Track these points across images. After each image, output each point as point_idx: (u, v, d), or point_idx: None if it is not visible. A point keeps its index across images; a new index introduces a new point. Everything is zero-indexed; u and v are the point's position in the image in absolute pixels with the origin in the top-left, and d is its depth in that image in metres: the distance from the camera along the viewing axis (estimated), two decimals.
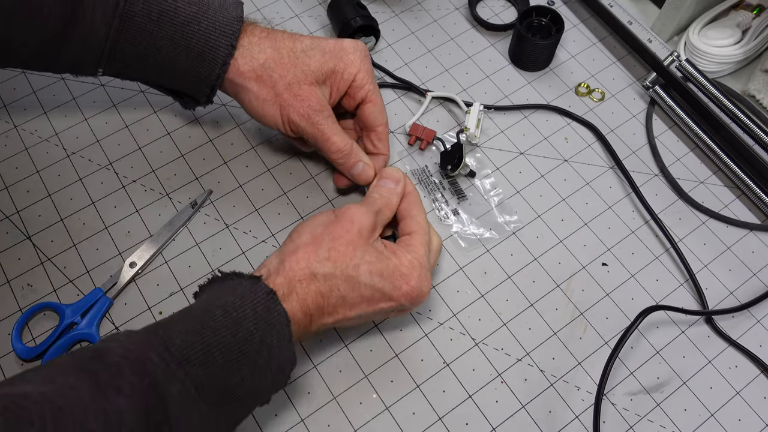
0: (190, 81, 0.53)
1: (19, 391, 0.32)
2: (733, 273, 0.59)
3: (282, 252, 0.46)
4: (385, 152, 0.58)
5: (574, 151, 0.65)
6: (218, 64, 0.51)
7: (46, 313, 0.55)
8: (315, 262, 0.44)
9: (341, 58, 0.53)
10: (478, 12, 0.73)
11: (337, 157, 0.54)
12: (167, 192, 0.61)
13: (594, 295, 0.58)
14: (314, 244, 0.45)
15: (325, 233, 0.46)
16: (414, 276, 0.46)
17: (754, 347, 0.55)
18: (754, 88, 0.65)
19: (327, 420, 0.51)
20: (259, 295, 0.42)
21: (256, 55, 0.52)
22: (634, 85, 0.70)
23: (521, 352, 0.55)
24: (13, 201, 0.60)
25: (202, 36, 0.50)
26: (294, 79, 0.52)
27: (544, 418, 0.52)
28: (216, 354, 0.38)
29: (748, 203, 0.63)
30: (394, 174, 0.52)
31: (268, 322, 0.41)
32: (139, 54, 0.51)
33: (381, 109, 0.56)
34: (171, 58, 0.51)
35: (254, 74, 0.52)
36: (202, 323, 0.39)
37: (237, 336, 0.39)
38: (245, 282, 0.43)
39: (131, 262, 0.57)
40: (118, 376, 0.34)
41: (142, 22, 0.49)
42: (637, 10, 0.72)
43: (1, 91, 0.66)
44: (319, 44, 0.53)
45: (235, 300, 0.41)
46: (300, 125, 0.53)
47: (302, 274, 0.44)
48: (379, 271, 0.45)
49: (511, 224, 0.61)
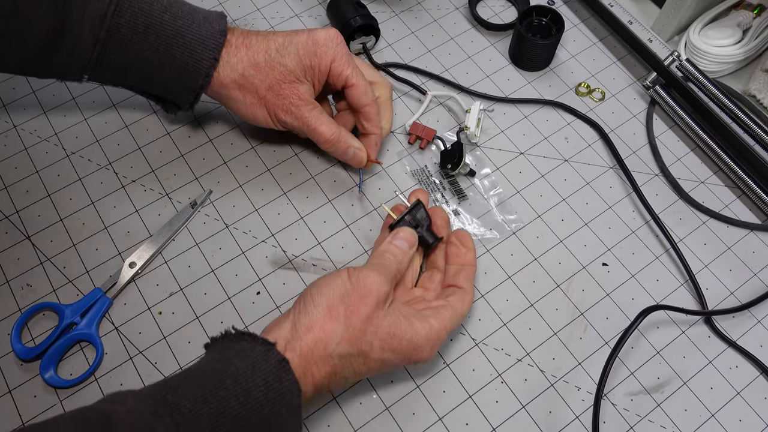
0: (173, 89, 0.55)
1: None
2: (733, 273, 0.59)
3: (297, 321, 0.44)
4: (376, 131, 0.59)
5: (574, 151, 0.65)
6: (201, 75, 0.53)
7: (45, 313, 0.55)
8: (333, 345, 0.43)
9: (314, 52, 0.54)
10: (478, 12, 0.73)
11: (327, 146, 0.57)
12: (167, 192, 0.61)
13: (594, 295, 0.57)
14: (330, 319, 0.43)
15: (341, 307, 0.44)
16: (427, 349, 0.46)
17: (754, 347, 0.55)
18: (755, 88, 0.65)
19: (327, 420, 0.51)
20: (271, 363, 0.41)
21: (235, 66, 0.54)
22: (634, 85, 0.69)
23: (521, 352, 0.55)
24: (13, 201, 0.60)
25: (187, 48, 0.52)
26: (274, 81, 0.54)
27: (544, 418, 0.52)
28: (222, 426, 0.38)
29: (749, 203, 0.63)
30: (409, 237, 0.51)
31: (278, 392, 0.40)
32: (124, 63, 0.52)
33: (364, 90, 0.56)
34: (155, 68, 0.53)
35: (236, 84, 0.54)
36: (212, 391, 0.38)
37: (246, 406, 0.39)
38: (258, 348, 0.41)
39: (131, 262, 0.56)
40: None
41: (128, 34, 0.51)
42: (637, 9, 0.72)
43: (1, 91, 0.66)
44: (292, 40, 0.54)
45: (246, 369, 0.40)
46: (287, 121, 0.55)
47: (318, 356, 0.43)
48: (392, 348, 0.45)
49: (512, 224, 0.60)
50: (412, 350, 0.46)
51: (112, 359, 0.53)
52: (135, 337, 0.54)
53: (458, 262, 0.52)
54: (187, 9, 0.53)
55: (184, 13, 0.52)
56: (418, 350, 0.46)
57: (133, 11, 0.50)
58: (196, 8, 0.54)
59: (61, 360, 0.53)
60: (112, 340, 0.54)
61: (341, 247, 0.59)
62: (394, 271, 0.48)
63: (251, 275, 0.57)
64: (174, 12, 0.52)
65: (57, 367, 0.52)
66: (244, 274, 0.57)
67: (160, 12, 0.51)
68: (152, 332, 0.54)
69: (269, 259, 0.58)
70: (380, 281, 0.45)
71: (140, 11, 0.50)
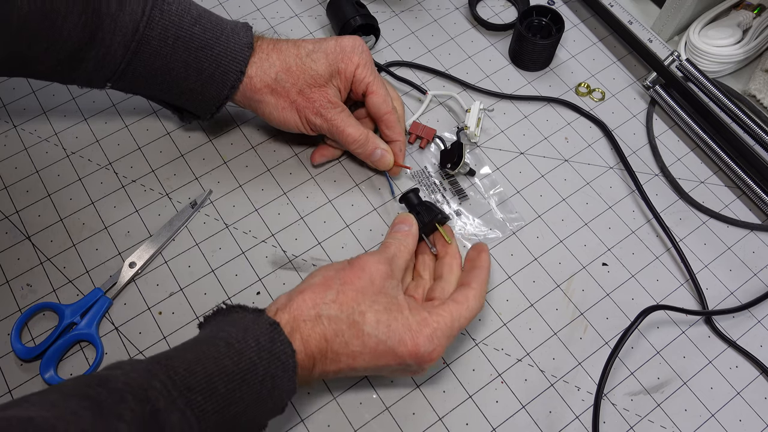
0: (196, 100, 0.56)
1: (24, 415, 0.32)
2: (733, 273, 0.59)
3: (291, 291, 0.46)
4: (398, 138, 0.59)
5: (574, 151, 0.65)
6: (227, 86, 0.54)
7: (45, 313, 0.55)
8: (321, 303, 0.44)
9: (342, 58, 0.56)
10: (478, 12, 0.73)
11: (354, 147, 0.57)
12: (167, 192, 0.61)
13: (594, 295, 0.57)
14: (324, 285, 0.45)
15: (336, 277, 0.46)
16: (423, 334, 0.44)
17: (754, 347, 0.55)
18: (755, 88, 0.65)
19: (327, 420, 0.51)
20: (262, 327, 0.41)
21: (267, 70, 0.55)
22: (634, 85, 0.69)
23: (521, 352, 0.55)
24: (13, 201, 0.60)
25: (214, 60, 0.53)
26: (305, 84, 0.55)
27: (544, 418, 0.52)
28: (218, 383, 0.38)
29: (749, 203, 0.63)
30: (406, 218, 0.52)
31: (271, 352, 0.41)
32: (150, 73, 0.53)
33: (384, 98, 0.58)
34: (181, 79, 0.53)
35: (269, 88, 0.55)
36: (205, 353, 0.39)
37: (240, 365, 0.39)
38: (249, 315, 0.43)
39: (131, 262, 0.56)
40: (120, 402, 0.34)
41: (158, 46, 0.51)
42: (637, 9, 0.72)
43: (1, 91, 0.66)
44: (320, 47, 0.56)
45: (238, 332, 0.41)
46: (316, 123, 0.56)
47: (308, 314, 0.44)
48: (387, 322, 0.44)
49: (514, 223, 0.60)
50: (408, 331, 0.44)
51: (112, 359, 0.53)
52: (135, 337, 0.54)
53: (471, 266, 0.51)
54: (215, 20, 0.54)
55: (212, 24, 0.53)
56: (414, 333, 0.44)
57: (164, 24, 0.51)
58: (222, 20, 0.54)
59: (61, 360, 0.53)
60: (112, 340, 0.54)
61: (341, 247, 0.59)
62: (393, 252, 0.49)
63: (251, 275, 0.57)
64: (203, 24, 0.52)
65: (57, 367, 0.52)
66: (244, 274, 0.57)
67: (190, 24, 0.52)
68: (152, 332, 0.54)
69: (269, 259, 0.58)
70: (375, 259, 0.47)
71: (171, 24, 0.51)
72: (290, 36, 0.71)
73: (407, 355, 0.44)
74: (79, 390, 0.35)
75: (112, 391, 0.35)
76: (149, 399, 0.35)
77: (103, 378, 0.36)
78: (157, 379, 0.36)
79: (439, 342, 0.45)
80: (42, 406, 0.33)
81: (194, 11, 0.53)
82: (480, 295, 0.48)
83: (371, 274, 0.46)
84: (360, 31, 0.68)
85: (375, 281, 0.46)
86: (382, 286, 0.46)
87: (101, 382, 0.36)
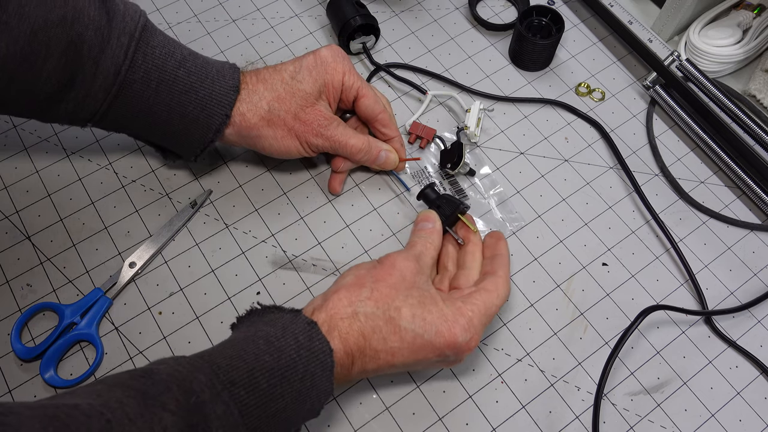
0: (179, 142, 0.55)
1: (70, 402, 0.32)
2: (733, 273, 0.59)
3: (326, 292, 0.47)
4: (395, 134, 0.60)
5: (574, 151, 0.65)
6: (212, 130, 0.53)
7: (45, 313, 0.55)
8: (357, 301, 0.44)
9: (326, 70, 0.55)
10: (478, 12, 0.73)
11: (360, 156, 0.57)
12: (167, 192, 0.61)
13: (594, 295, 0.57)
14: (357, 284, 0.46)
15: (368, 275, 0.46)
16: (460, 324, 0.45)
17: (754, 347, 0.55)
18: (755, 88, 0.65)
19: (327, 420, 0.51)
20: (300, 325, 0.42)
21: (258, 103, 0.54)
22: (634, 85, 0.69)
23: (521, 352, 0.55)
24: (13, 201, 0.60)
25: (198, 104, 0.52)
26: (298, 108, 0.54)
27: (544, 418, 0.52)
28: (260, 378, 0.38)
29: (749, 203, 0.63)
30: (428, 215, 0.53)
31: (310, 350, 0.41)
32: (132, 115, 0.52)
33: (374, 99, 0.58)
34: (164, 122, 0.52)
35: (264, 120, 0.54)
36: (245, 350, 0.40)
37: (280, 362, 0.40)
38: (286, 315, 0.43)
39: (131, 262, 0.56)
40: (165, 392, 0.35)
41: (140, 89, 0.50)
42: (637, 9, 0.72)
43: None
44: (301, 65, 0.55)
45: (277, 331, 0.41)
46: (318, 144, 0.56)
47: (344, 312, 0.44)
48: (422, 316, 0.45)
49: (514, 223, 0.60)
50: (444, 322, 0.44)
51: (112, 359, 0.53)
52: (135, 337, 0.54)
53: (491, 254, 0.52)
54: (201, 63, 0.52)
55: (197, 67, 0.52)
56: (450, 324, 0.45)
57: (147, 67, 0.49)
58: (209, 61, 0.53)
59: (61, 360, 0.53)
60: (112, 340, 0.54)
61: (341, 247, 0.59)
62: (419, 249, 0.50)
63: (251, 275, 0.57)
64: (188, 67, 0.51)
65: (57, 367, 0.52)
66: (244, 274, 0.57)
67: (174, 68, 0.50)
68: (152, 332, 0.54)
69: (269, 259, 0.58)
70: (404, 257, 0.48)
71: (154, 67, 0.49)
72: (290, 36, 0.71)
73: (445, 346, 0.45)
74: (124, 381, 0.36)
75: (157, 382, 0.36)
76: (194, 391, 0.36)
77: (147, 370, 0.37)
78: (202, 373, 0.37)
79: (475, 330, 0.46)
80: (88, 395, 0.34)
81: (179, 54, 0.51)
82: (507, 282, 0.49)
83: (401, 271, 0.47)
84: (360, 32, 0.68)
85: (406, 277, 0.46)
86: (414, 282, 0.47)
87: (146, 374, 0.36)
